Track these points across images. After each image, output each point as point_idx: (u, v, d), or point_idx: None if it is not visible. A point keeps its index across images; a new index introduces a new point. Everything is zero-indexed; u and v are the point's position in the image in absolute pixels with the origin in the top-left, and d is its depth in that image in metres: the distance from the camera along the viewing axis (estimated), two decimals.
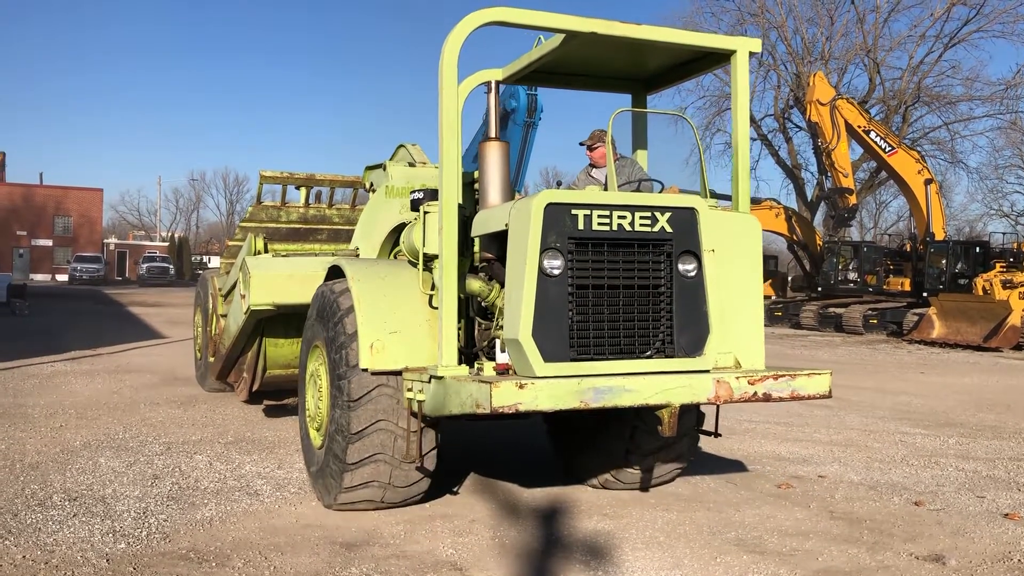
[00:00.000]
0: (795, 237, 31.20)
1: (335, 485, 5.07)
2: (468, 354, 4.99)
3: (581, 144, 6.26)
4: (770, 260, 37.05)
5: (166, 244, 67.66)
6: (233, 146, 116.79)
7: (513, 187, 5.30)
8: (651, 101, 6.36)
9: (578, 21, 4.77)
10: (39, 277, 55.78)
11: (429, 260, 5.08)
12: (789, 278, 35.24)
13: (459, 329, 4.78)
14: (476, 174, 5.31)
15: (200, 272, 13.09)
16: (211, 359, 9.13)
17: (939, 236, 25.72)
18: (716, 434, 5.65)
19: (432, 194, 5.21)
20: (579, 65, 5.78)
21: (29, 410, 8.27)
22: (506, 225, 4.57)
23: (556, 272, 4.28)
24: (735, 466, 6.71)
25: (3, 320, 20.13)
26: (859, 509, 5.57)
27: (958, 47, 37.45)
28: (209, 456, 6.51)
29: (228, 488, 5.61)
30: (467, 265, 5.10)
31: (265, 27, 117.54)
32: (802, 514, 5.41)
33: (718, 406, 5.16)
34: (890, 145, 26.51)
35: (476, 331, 5.12)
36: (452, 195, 4.65)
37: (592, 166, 6.21)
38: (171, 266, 54.68)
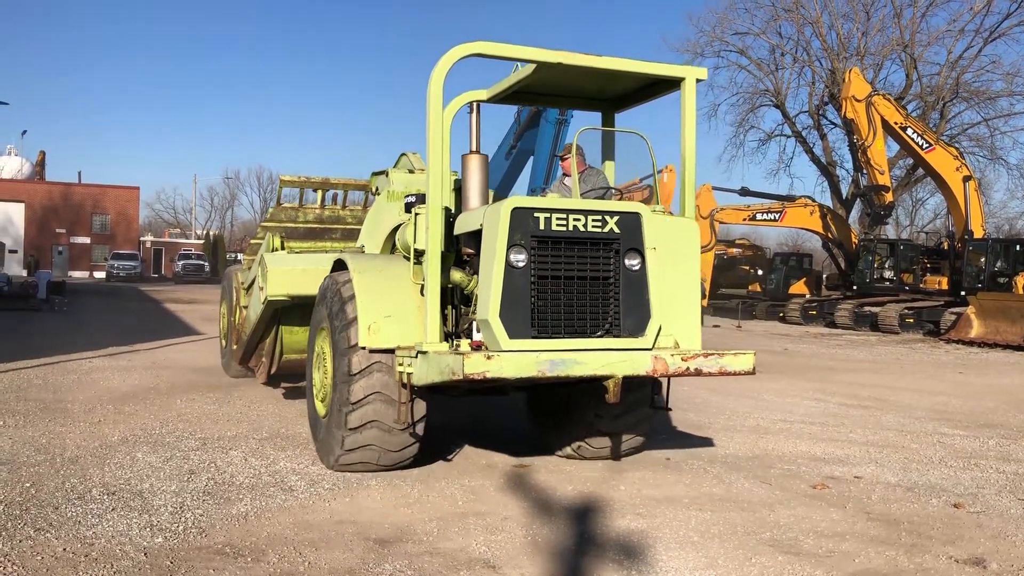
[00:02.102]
0: (830, 235, 30.86)
1: (336, 447, 5.73)
2: (453, 336, 5.66)
3: (555, 155, 6.91)
4: (805, 258, 36.72)
5: (201, 242, 68.33)
6: (267, 144, 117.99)
7: (545, 182, 6.00)
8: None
9: (546, 53, 5.45)
10: (77, 274, 56.61)
11: (419, 255, 5.71)
12: (824, 276, 34.85)
13: (444, 314, 5.54)
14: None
15: None
16: (234, 347, 9.67)
17: (978, 234, 25.26)
18: (667, 408, 6.46)
19: (423, 198, 5.87)
20: (553, 87, 6.45)
21: (68, 405, 8.41)
22: (481, 225, 5.29)
23: (520, 264, 5.05)
24: (769, 466, 6.65)
25: (43, 316, 20.49)
26: (896, 511, 5.49)
27: (998, 41, 36.84)
28: (244, 452, 6.58)
29: (263, 484, 5.67)
30: (452, 259, 5.75)
31: (304, 22, 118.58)
32: (838, 515, 5.34)
33: (669, 383, 6.32)
34: (927, 142, 26.07)
35: (459, 316, 5.76)
36: (437, 200, 5.40)
37: (565, 175, 6.82)
38: (206, 263, 55.15)
